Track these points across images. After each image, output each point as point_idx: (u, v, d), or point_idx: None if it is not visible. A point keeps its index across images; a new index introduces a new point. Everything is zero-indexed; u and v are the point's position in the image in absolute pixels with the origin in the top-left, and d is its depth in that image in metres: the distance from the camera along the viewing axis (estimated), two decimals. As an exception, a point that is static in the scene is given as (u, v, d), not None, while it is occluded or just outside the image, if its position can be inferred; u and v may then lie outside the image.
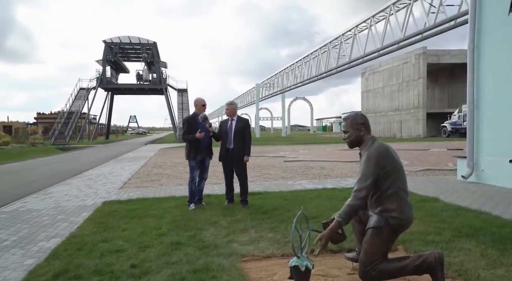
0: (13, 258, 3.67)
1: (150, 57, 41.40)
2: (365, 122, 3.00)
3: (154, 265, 3.35)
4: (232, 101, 6.01)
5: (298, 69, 39.71)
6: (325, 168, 11.31)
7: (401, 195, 2.81)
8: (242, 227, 4.60)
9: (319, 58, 34.92)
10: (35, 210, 5.99)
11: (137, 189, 8.00)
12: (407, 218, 2.82)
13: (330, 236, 2.84)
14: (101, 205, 6.17)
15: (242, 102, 63.24)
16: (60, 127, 36.45)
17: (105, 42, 40.51)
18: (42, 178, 10.60)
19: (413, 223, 4.52)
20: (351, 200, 2.80)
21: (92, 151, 25.97)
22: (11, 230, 4.81)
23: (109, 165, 13.90)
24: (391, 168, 2.81)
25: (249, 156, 5.92)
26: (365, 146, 2.95)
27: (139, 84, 42.55)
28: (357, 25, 28.74)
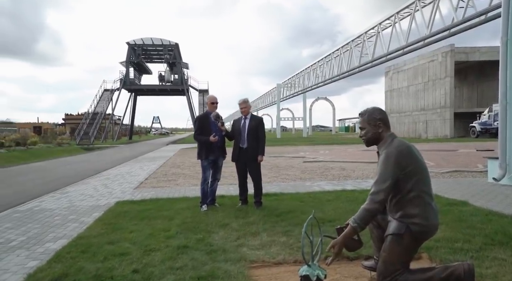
0: (17, 260, 3.57)
1: (172, 58, 41.76)
2: (384, 117, 2.71)
3: (158, 270, 3.16)
4: (246, 99, 5.79)
5: (320, 69, 39.16)
6: (345, 169, 10.93)
7: (424, 198, 2.51)
8: (253, 230, 4.37)
9: (341, 57, 34.28)
10: (48, 210, 5.94)
11: (152, 189, 7.90)
12: (432, 225, 2.51)
13: (344, 243, 2.57)
14: (114, 205, 6.07)
15: (263, 103, 63.00)
16: (85, 128, 37.25)
17: (129, 44, 41.16)
18: (62, 177, 10.68)
19: (440, 229, 4.17)
20: (368, 203, 2.52)
21: (115, 151, 26.33)
22: (21, 230, 4.74)
23: (128, 165, 13.95)
24: (413, 168, 2.51)
25: (263, 156, 5.68)
26: (383, 144, 2.66)
27: (161, 85, 43.01)
28: (380, 23, 28.03)
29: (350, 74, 33.95)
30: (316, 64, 40.32)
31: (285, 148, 23.16)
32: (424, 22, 22.62)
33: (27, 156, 20.49)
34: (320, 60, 39.10)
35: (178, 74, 41.95)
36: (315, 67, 40.45)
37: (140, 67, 44.78)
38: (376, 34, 28.39)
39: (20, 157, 19.93)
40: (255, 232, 4.30)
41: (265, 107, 65.01)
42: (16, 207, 6.23)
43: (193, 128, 5.69)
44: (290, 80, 48.38)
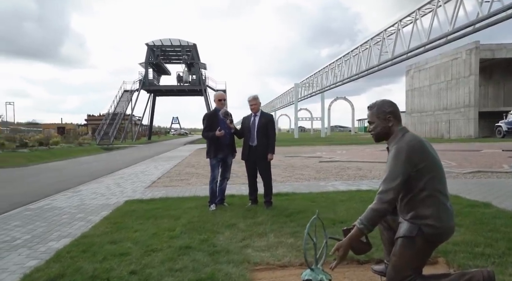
0: (17, 259, 3.50)
1: (190, 58, 42.02)
2: (394, 110, 2.50)
3: (156, 272, 3.03)
4: (256, 96, 5.62)
5: (338, 68, 38.63)
6: (362, 169, 10.62)
7: (438, 198, 2.29)
8: (261, 230, 4.20)
9: (359, 56, 33.72)
10: (58, 208, 5.93)
11: (164, 188, 7.82)
12: (446, 227, 2.29)
13: (349, 246, 2.37)
14: (122, 204, 6.01)
15: (281, 103, 62.72)
16: (105, 128, 37.87)
17: (148, 45, 41.65)
18: (77, 176, 10.77)
19: (459, 232, 3.93)
20: (375, 203, 2.31)
21: (133, 151, 26.61)
22: (27, 228, 4.71)
23: (144, 164, 14.00)
24: (426, 165, 2.29)
25: (273, 154, 5.50)
26: (394, 139, 2.46)
27: (179, 85, 43.33)
28: (400, 20, 27.37)
29: (369, 72, 33.34)
30: (334, 63, 39.81)
31: (302, 148, 22.89)
32: (447, 18, 21.96)
33: (48, 156, 20.91)
34: (339, 59, 38.56)
35: (196, 74, 42.18)
36: (333, 66, 39.94)
37: (159, 68, 45.25)
38: (396, 31, 27.77)
39: (41, 156, 20.35)
40: (262, 233, 4.13)
41: (283, 107, 64.73)
42: (28, 205, 6.25)
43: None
44: (308, 80, 47.97)
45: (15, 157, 18.80)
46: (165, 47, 42.59)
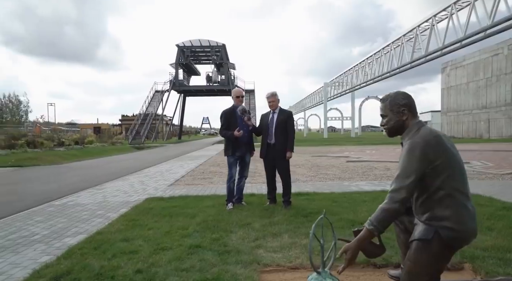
0: (32, 254, 3.54)
1: (219, 59, 42.33)
2: (409, 103, 2.30)
3: (162, 271, 2.96)
4: (274, 93, 5.48)
5: (369, 66, 37.72)
6: (390, 169, 10.23)
7: (457, 198, 2.08)
8: (275, 231, 4.07)
9: (391, 54, 32.77)
10: (80, 205, 6.03)
11: (186, 186, 7.83)
12: (467, 230, 2.07)
13: (358, 249, 2.20)
14: (142, 201, 6.04)
15: (311, 102, 62.05)
16: (137, 128, 38.83)
17: (178, 46, 42.32)
18: (105, 174, 10.99)
19: (490, 236, 3.63)
20: (386, 202, 2.13)
21: (162, 150, 27.09)
22: (48, 223, 4.80)
23: (170, 163, 14.16)
24: (443, 162, 2.08)
25: (292, 152, 5.34)
26: (408, 134, 2.26)
27: (208, 85, 43.76)
28: (435, 15, 26.36)
29: (401, 70, 32.35)
30: (364, 61, 38.95)
31: (330, 148, 22.49)
32: (486, 11, 20.93)
33: (82, 154, 21.60)
34: (369, 57, 37.68)
35: (225, 74, 42.45)
36: (364, 65, 39.07)
37: (189, 68, 45.90)
38: (430, 27, 26.77)
39: (76, 155, 21.05)
40: (276, 233, 4.00)
41: (312, 107, 64.03)
42: (52, 201, 6.40)
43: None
44: (338, 79, 47.19)
45: (51, 155, 19.52)
46: (194, 48, 43.14)
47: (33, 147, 21.53)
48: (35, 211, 5.61)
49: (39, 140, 24.08)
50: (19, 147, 20.54)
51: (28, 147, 21.05)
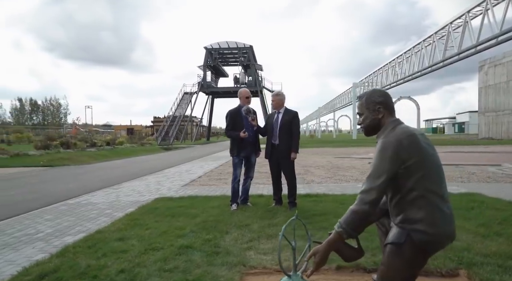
0: (29, 252, 3.63)
1: (246, 60, 42.53)
2: (385, 100, 2.18)
3: (145, 271, 2.95)
4: (279, 92, 5.40)
5: (399, 66, 36.66)
6: (413, 171, 9.84)
7: (431, 200, 1.94)
8: (272, 232, 3.99)
9: (422, 53, 31.68)
10: (92, 204, 6.18)
11: (199, 187, 7.87)
12: (441, 233, 1.94)
13: (328, 252, 2.10)
14: (151, 201, 6.10)
15: (340, 103, 61.10)
16: (165, 129, 39.65)
17: (206, 48, 42.89)
18: (127, 174, 11.24)
19: (496, 241, 3.39)
20: (356, 204, 2.03)
21: (189, 151, 27.48)
22: (55, 222, 4.94)
23: (192, 164, 14.32)
24: (417, 162, 1.95)
25: (296, 153, 5.23)
26: (383, 133, 2.14)
27: (235, 87, 44.02)
28: (469, 11, 25.26)
29: (433, 70, 31.25)
30: (395, 60, 37.89)
31: (356, 149, 22.00)
32: (522, 5, 19.81)
33: (111, 155, 22.26)
34: (399, 56, 36.62)
35: (252, 76, 42.58)
36: (394, 64, 38.01)
37: (217, 70, 46.40)
38: (463, 23, 25.66)
39: (105, 155, 21.72)
40: (272, 234, 3.92)
41: (341, 107, 62.99)
42: (67, 200, 6.60)
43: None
44: (367, 79, 46.21)
45: (82, 155, 20.23)
46: (222, 50, 43.57)
47: (66, 148, 22.38)
48: (48, 210, 5.79)
49: (72, 141, 25.06)
50: (53, 148, 21.43)
51: (62, 148, 21.93)
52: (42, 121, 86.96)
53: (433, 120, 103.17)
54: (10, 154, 18.08)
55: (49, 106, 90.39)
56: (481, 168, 10.20)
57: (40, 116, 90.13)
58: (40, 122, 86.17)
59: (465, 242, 3.45)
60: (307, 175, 9.46)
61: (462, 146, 23.43)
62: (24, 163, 15.51)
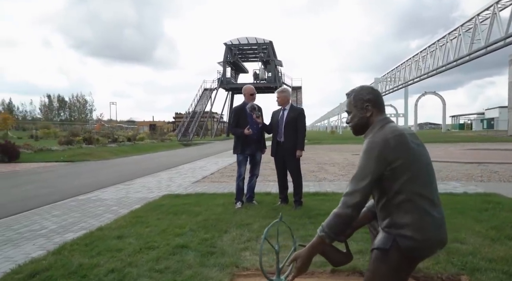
0: (29, 249, 3.65)
1: (266, 56, 42.34)
2: (373, 98, 2.05)
3: (136, 271, 2.91)
4: (284, 88, 5.28)
5: (422, 60, 35.62)
6: (431, 169, 9.51)
7: (418, 203, 1.81)
8: (272, 232, 3.87)
9: (446, 46, 30.65)
10: (101, 200, 6.23)
11: (209, 183, 7.84)
12: (429, 239, 1.81)
13: (309, 256, 1.99)
14: (158, 198, 6.10)
15: (362, 98, 59.99)
16: (185, 125, 40.01)
17: (226, 45, 42.93)
18: (142, 169, 11.35)
19: (507, 245, 3.19)
20: (339, 207, 1.91)
21: (207, 146, 27.64)
22: (61, 218, 4.99)
23: (207, 160, 14.35)
24: (403, 163, 1.82)
25: (302, 151, 5.11)
26: (370, 132, 2.01)
27: (255, 83, 43.92)
28: (497, 1, 24.21)
29: (458, 64, 30.20)
30: (418, 55, 36.86)
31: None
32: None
33: (131, 150, 22.63)
34: (423, 51, 35.59)
35: (272, 71, 42.37)
36: (417, 59, 36.98)
37: (237, 66, 46.41)
38: (491, 15, 24.64)
39: (125, 151, 22.09)
40: (271, 234, 3.80)
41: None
42: (78, 196, 6.70)
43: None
44: (390, 74, 45.18)
45: (102, 151, 20.63)
46: (242, 46, 43.52)
47: (88, 144, 22.85)
48: (57, 205, 5.88)
49: (95, 136, 25.60)
50: (76, 144, 21.93)
51: (84, 144, 22.42)
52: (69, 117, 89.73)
53: (460, 116, 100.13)
54: (34, 149, 18.59)
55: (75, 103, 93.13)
56: (504, 167, 9.76)
57: (67, 112, 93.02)
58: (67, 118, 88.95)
59: (471, 245, 3.26)
60: (320, 172, 9.29)
61: (489, 143, 22.61)
62: (46, 159, 15.93)
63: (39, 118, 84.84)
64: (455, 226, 3.81)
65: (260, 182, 7.73)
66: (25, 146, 18.77)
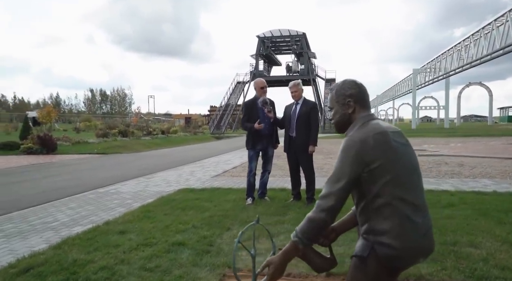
0: (34, 242, 3.71)
1: (299, 48, 41.71)
2: (355, 93, 1.84)
3: (126, 269, 2.87)
4: (298, 82, 5.08)
5: (465, 49, 33.71)
6: (464, 165, 8.95)
7: (399, 208, 1.62)
8: (276, 230, 3.76)
9: (492, 34, 28.76)
10: (118, 193, 6.33)
11: (228, 177, 7.79)
12: (410, 247, 1.62)
13: (283, 263, 1.84)
14: (173, 192, 6.11)
15: (400, 91, 57.99)
16: (218, 118, 40.35)
17: (258, 37, 42.68)
18: (168, 162, 11.49)
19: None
20: (313, 210, 1.74)
21: (238, 140, 27.68)
22: (76, 210, 5.08)
23: (234, 153, 14.33)
24: (382, 164, 1.63)
25: (315, 146, 4.91)
26: (351, 130, 1.82)
27: (288, 75, 43.41)
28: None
29: (505, 52, 28.29)
30: (461, 44, 34.90)
31: (412, 140, 20.58)
32: None
33: (164, 143, 23.12)
34: (466, 39, 33.65)
35: (305, 64, 41.71)
36: (460, 48, 35.03)
37: (270, 59, 46.06)
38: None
39: (158, 143, 22.60)
40: (274, 233, 3.68)
41: (401, 95, 59.79)
42: (98, 189, 6.84)
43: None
44: (430, 65, 43.17)
45: (135, 144, 21.20)
46: (275, 38, 43.09)
47: (124, 136, 23.54)
48: (77, 198, 6.02)
49: (130, 129, 26.35)
50: (111, 136, 22.66)
51: (120, 136, 23.13)
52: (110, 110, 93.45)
53: (509, 108, 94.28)
54: (72, 141, 19.39)
55: (116, 96, 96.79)
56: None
57: (109, 105, 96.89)
58: (108, 111, 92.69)
59: (486, 250, 2.97)
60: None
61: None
62: (81, 151, 16.56)
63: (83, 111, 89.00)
64: (472, 229, 3.51)
65: (280, 177, 7.60)
66: (64, 138, 19.61)
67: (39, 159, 13.09)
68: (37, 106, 78.62)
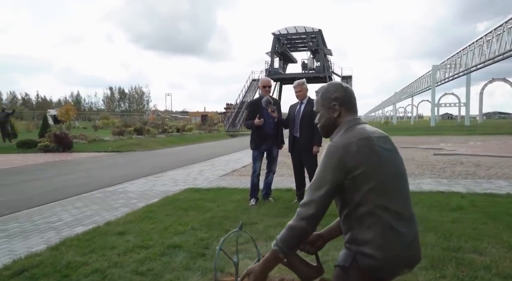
0: (35, 242, 3.73)
1: (315, 45, 41.31)
2: (341, 96, 1.76)
3: (118, 273, 2.84)
4: (303, 81, 4.98)
5: (486, 45, 32.71)
6: (480, 165, 8.66)
7: (382, 217, 1.54)
8: (275, 233, 3.61)
9: (515, 27, 27.79)
10: (125, 192, 6.35)
11: (235, 177, 7.75)
12: (394, 258, 1.54)
13: (264, 272, 1.77)
14: (178, 192, 6.10)
15: (419, 87, 56.81)
16: (233, 116, 40.40)
17: (274, 34, 42.46)
18: (179, 161, 11.52)
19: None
20: (294, 218, 1.67)
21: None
22: (81, 210, 5.11)
23: (245, 152, 14.24)
24: (365, 171, 1.55)
25: (319, 146, 4.80)
26: (336, 134, 1.74)
27: (303, 73, 43.07)
28: None
29: (528, 47, 27.29)
30: (482, 39, 33.90)
31: (427, 138, 20.25)
32: None
33: (178, 141, 23.26)
34: (488, 34, 32.65)
35: (320, 61, 41.29)
36: (481, 43, 34.02)
37: (285, 56, 45.79)
38: None
39: (172, 141, 22.75)
40: (273, 236, 3.56)
41: (420, 92, 58.60)
42: (107, 188, 6.89)
43: None
44: (450, 60, 42.12)
45: (150, 142, 21.40)
46: (290, 35, 42.78)
47: (139, 134, 23.80)
48: (83, 197, 6.06)
49: (146, 127, 26.63)
50: (127, 134, 22.94)
51: (136, 134, 23.39)
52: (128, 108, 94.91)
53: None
54: (88, 139, 19.70)
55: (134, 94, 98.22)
56: None
57: (127, 103, 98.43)
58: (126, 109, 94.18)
59: (489, 257, 2.83)
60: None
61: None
62: (97, 149, 16.79)
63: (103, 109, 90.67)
64: (479, 233, 3.36)
65: (288, 177, 7.50)
66: (80, 136, 19.94)
67: (55, 157, 13.33)
68: (59, 104, 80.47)
